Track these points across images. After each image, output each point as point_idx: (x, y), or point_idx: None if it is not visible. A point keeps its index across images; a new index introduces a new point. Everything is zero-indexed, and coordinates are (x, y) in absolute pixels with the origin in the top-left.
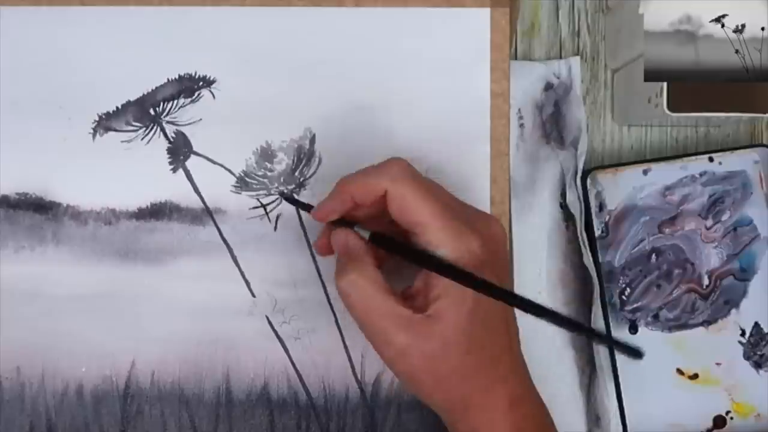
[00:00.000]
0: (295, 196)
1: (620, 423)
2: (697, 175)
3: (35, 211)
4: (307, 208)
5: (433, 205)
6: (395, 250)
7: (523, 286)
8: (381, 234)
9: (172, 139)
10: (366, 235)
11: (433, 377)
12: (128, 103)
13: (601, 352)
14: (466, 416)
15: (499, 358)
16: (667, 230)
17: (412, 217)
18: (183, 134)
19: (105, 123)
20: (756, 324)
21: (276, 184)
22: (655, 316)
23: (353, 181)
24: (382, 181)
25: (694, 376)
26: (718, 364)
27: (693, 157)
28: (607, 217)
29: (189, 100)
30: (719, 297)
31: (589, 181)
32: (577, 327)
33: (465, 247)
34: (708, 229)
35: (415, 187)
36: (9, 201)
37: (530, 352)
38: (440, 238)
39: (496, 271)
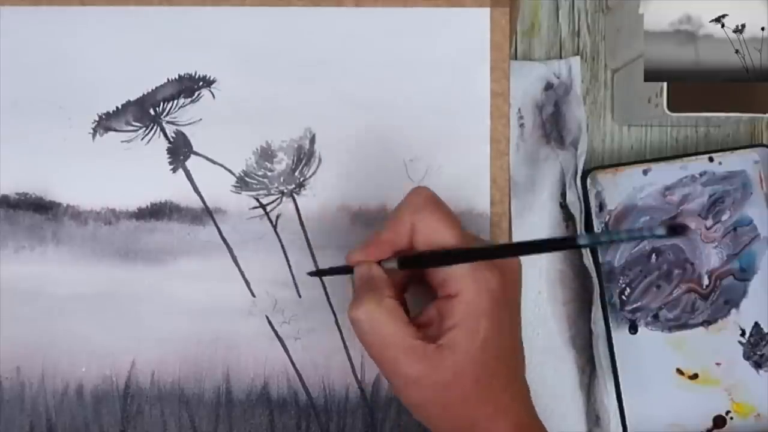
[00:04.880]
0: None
1: (620, 423)
2: (697, 175)
3: (35, 211)
4: (343, 271)
5: (455, 233)
6: (425, 263)
7: (523, 287)
8: (407, 257)
9: (172, 139)
10: (393, 264)
11: (442, 406)
12: (128, 103)
13: (601, 352)
14: None
15: (506, 387)
16: None
17: (437, 244)
18: (183, 134)
19: (105, 123)
20: (756, 324)
21: (276, 184)
22: (655, 316)
23: (385, 228)
24: (407, 214)
25: (694, 376)
26: (718, 364)
27: (693, 157)
28: (607, 217)
29: (189, 100)
30: (719, 297)
31: (589, 181)
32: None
33: (484, 282)
34: (708, 229)
35: (439, 216)
36: (9, 201)
37: (531, 353)
38: (461, 270)
39: (510, 305)
